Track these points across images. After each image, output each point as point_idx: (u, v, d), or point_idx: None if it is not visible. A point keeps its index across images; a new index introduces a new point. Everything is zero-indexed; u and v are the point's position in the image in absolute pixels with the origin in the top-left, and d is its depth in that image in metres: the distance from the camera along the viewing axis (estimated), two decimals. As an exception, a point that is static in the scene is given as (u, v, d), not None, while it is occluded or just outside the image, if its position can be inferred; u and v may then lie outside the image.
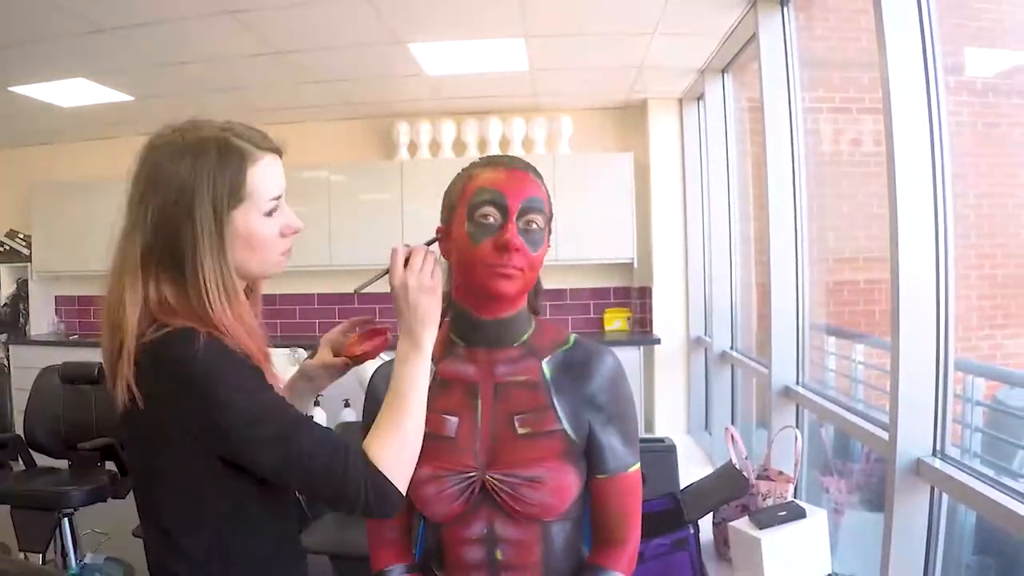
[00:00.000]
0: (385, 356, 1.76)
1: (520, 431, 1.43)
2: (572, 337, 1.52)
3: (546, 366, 1.47)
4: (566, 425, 1.43)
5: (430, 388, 1.46)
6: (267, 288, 1.76)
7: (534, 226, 1.41)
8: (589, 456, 1.46)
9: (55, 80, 5.14)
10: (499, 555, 1.45)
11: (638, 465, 1.50)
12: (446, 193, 1.49)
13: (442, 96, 5.99)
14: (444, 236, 1.46)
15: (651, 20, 4.21)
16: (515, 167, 1.44)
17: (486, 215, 1.39)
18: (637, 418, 1.53)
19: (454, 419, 1.45)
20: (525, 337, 1.49)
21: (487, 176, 1.43)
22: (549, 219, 1.48)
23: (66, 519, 4.24)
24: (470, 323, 1.48)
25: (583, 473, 1.46)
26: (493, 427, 1.44)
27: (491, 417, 1.45)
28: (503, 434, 1.44)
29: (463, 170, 1.49)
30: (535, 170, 1.48)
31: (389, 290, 1.40)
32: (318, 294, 6.88)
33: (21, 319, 7.33)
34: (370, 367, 1.73)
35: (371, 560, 1.56)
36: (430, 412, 1.44)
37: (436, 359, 1.49)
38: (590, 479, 1.47)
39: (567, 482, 1.42)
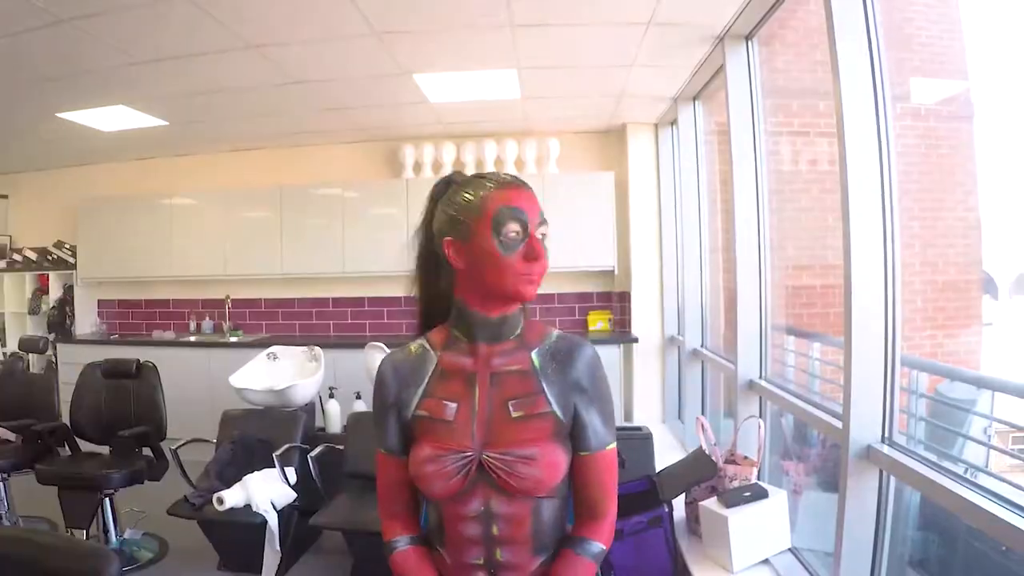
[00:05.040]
0: (387, 348, 1.75)
1: (514, 414, 1.43)
2: (555, 332, 1.53)
3: (535, 356, 1.48)
4: (555, 407, 1.44)
5: (432, 377, 1.48)
6: (286, 293, 1.74)
7: (545, 233, 1.45)
8: (573, 435, 1.46)
9: (98, 107, 5.13)
10: (495, 530, 1.44)
11: (615, 444, 1.51)
12: (454, 208, 1.46)
13: (444, 121, 5.99)
14: (455, 247, 1.45)
15: (630, 54, 4.21)
16: (523, 186, 1.46)
17: (513, 230, 1.40)
18: (614, 402, 1.53)
19: (453, 404, 1.46)
20: (518, 332, 1.50)
21: (505, 195, 1.43)
22: None
23: (107, 499, 4.24)
24: (476, 321, 1.48)
25: (570, 452, 1.46)
26: (489, 411, 1.45)
27: (487, 402, 1.45)
28: (499, 417, 1.44)
29: (470, 189, 1.46)
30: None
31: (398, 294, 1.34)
32: (332, 298, 6.85)
33: (67, 320, 7.30)
34: (378, 358, 1.73)
35: (382, 531, 1.56)
36: (431, 398, 1.45)
37: (438, 351, 1.51)
38: (574, 457, 1.47)
39: (557, 459, 1.42)
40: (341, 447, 3.99)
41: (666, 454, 3.78)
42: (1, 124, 5.56)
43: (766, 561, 2.67)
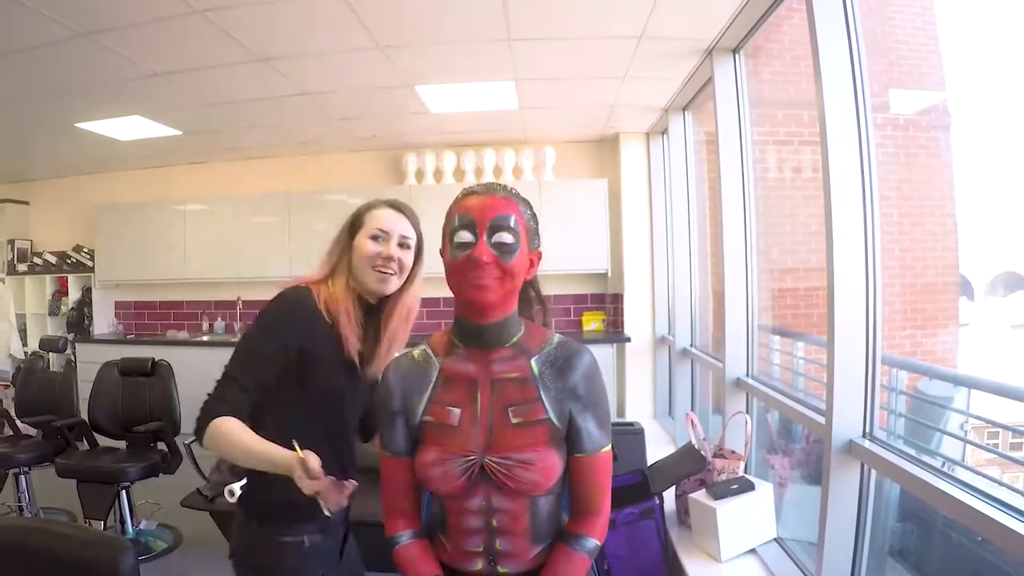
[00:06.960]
0: (396, 351, 1.75)
1: (513, 421, 1.43)
2: (556, 338, 1.51)
3: (534, 363, 1.47)
4: (552, 414, 1.43)
5: (436, 383, 1.48)
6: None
7: (505, 240, 1.40)
8: (569, 439, 1.46)
9: (115, 117, 5.13)
10: (495, 523, 1.45)
11: (609, 446, 1.50)
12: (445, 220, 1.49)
13: (444, 131, 5.99)
14: (442, 257, 1.46)
15: (623, 66, 4.21)
16: (489, 193, 1.44)
17: (462, 236, 1.40)
18: (609, 406, 1.53)
19: (456, 410, 1.45)
20: (516, 338, 1.49)
21: (464, 203, 1.44)
22: (529, 231, 1.47)
23: (124, 491, 4.23)
24: (467, 328, 1.48)
25: (565, 455, 1.46)
26: (491, 417, 1.44)
27: (489, 408, 1.45)
28: (499, 423, 1.44)
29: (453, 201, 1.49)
30: (510, 192, 1.46)
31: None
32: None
33: (86, 321, 7.30)
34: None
35: (385, 527, 1.56)
36: (437, 404, 1.45)
37: (440, 357, 1.51)
38: (570, 458, 1.47)
39: (553, 463, 1.42)
40: (347, 442, 3.99)
41: (657, 448, 3.78)
42: (23, 133, 5.55)
43: (752, 551, 2.67)
